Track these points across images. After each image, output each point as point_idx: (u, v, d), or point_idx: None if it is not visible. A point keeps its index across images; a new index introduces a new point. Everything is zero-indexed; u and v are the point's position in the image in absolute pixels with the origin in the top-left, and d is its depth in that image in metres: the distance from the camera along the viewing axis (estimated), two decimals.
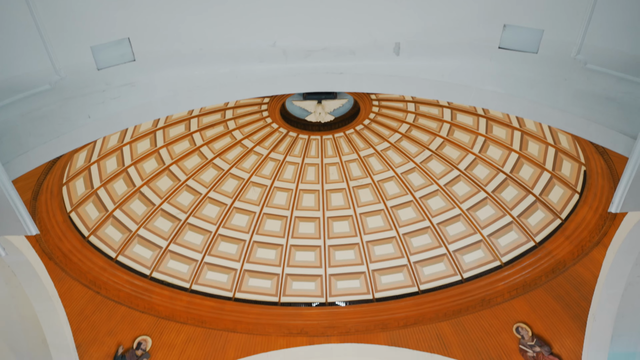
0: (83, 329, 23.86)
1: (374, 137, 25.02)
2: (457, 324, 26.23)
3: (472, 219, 25.72)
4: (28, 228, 15.81)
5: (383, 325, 26.86)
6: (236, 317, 26.72)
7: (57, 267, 22.33)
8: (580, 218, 22.49)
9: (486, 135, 23.90)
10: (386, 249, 27.09)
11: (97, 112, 14.50)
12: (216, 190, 26.00)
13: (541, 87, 14.52)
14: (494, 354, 25.77)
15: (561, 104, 14.47)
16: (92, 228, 23.93)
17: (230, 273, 26.91)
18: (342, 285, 27.63)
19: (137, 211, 25.02)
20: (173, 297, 25.97)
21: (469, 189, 25.43)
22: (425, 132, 24.66)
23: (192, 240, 26.28)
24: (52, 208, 21.46)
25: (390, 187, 26.23)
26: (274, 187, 26.41)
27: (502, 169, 24.43)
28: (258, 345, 26.80)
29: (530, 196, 24.26)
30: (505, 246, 25.43)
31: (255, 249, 26.97)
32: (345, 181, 26.38)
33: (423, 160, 25.43)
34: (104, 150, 22.64)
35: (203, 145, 24.86)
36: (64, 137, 14.63)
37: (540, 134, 22.32)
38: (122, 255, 25.00)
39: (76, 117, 14.47)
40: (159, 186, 25.08)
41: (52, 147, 14.71)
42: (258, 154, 25.56)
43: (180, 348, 26.05)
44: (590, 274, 22.59)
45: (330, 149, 25.49)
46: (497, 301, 25.49)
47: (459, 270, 26.42)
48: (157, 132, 23.66)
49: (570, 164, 22.20)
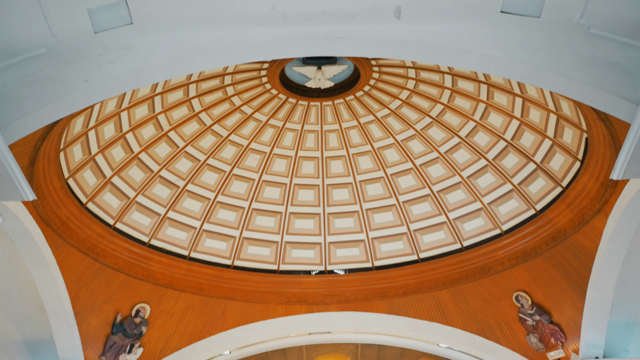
0: (81, 296, 23.86)
1: (374, 103, 24.84)
2: (457, 293, 26.26)
3: (472, 187, 25.62)
4: (25, 193, 15.78)
5: (382, 293, 26.88)
6: (235, 284, 26.72)
7: (55, 234, 22.28)
8: (582, 186, 22.40)
9: (487, 102, 23.73)
10: (386, 217, 27.03)
11: (94, 76, 14.36)
12: (215, 157, 25.86)
13: (543, 52, 14.36)
14: (493, 322, 25.82)
15: (563, 70, 14.33)
16: (90, 195, 23.83)
17: (229, 241, 26.85)
18: (341, 253, 27.60)
19: (136, 178, 24.91)
20: (171, 265, 25.94)
21: (470, 156, 25.31)
22: (426, 99, 24.47)
23: (190, 207, 26.20)
24: (50, 174, 21.33)
25: (390, 155, 26.11)
26: (273, 154, 26.27)
27: (503, 136, 24.30)
28: (257, 313, 26.86)
29: (531, 164, 24.16)
30: (506, 214, 25.38)
31: (255, 217, 26.89)
32: (344, 148, 26.24)
33: (423, 127, 25.28)
34: (102, 116, 22.45)
35: (202, 111, 24.68)
36: (60, 101, 14.56)
37: (542, 100, 22.15)
38: (120, 222, 24.93)
39: (73, 81, 14.35)
40: (157, 153, 24.96)
41: (48, 111, 14.65)
42: (257, 120, 25.38)
43: (178, 315, 26.07)
44: (590, 242, 22.57)
45: (330, 115, 25.32)
46: (497, 269, 25.50)
47: (458, 238, 26.37)
48: (155, 97, 23.46)
49: (572, 131, 22.06)
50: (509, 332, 25.72)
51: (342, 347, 28.79)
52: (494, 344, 25.95)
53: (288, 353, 28.66)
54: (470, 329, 26.26)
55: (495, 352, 25.93)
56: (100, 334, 24.73)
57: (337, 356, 29.39)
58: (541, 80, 14.71)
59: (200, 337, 26.44)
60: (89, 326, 24.32)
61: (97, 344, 24.61)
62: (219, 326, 26.56)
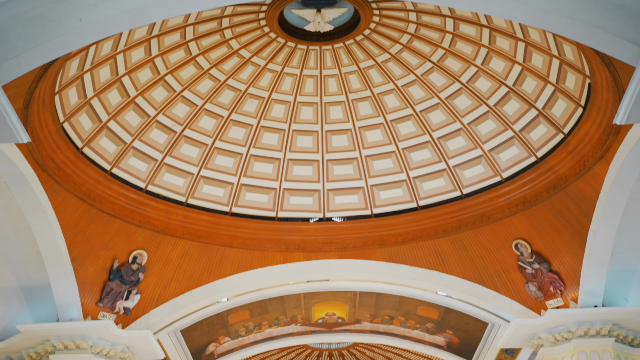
0: (78, 242, 23.88)
1: (374, 48, 24.52)
2: (456, 241, 26.27)
3: (473, 134, 25.44)
4: (19, 135, 15.70)
5: (381, 241, 26.87)
6: (233, 231, 26.69)
7: (51, 179, 22.23)
8: (583, 132, 22.29)
9: (489, 46, 23.44)
10: (385, 164, 26.86)
11: (89, 15, 14.09)
12: (212, 102, 25.57)
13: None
14: (492, 271, 25.88)
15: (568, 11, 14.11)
16: (85, 139, 23.69)
17: (226, 187, 26.74)
18: (340, 200, 27.52)
19: (132, 122, 24.70)
20: (169, 211, 25.88)
21: (471, 102, 25.09)
22: (427, 44, 24.16)
23: (188, 153, 26.01)
24: (45, 118, 21.14)
25: (390, 100, 25.83)
26: (271, 100, 25.98)
27: (505, 82, 24.06)
28: (255, 261, 26.87)
29: (532, 110, 23.98)
30: (506, 161, 25.26)
31: (253, 163, 26.74)
32: (344, 94, 25.93)
33: (424, 72, 24.98)
34: (97, 59, 22.17)
35: (199, 54, 24.36)
36: (54, 40, 14.34)
37: (545, 45, 21.90)
38: (116, 167, 24.82)
39: (67, 20, 14.07)
40: (154, 97, 24.67)
41: (42, 51, 14.46)
42: (255, 64, 25.06)
43: (176, 262, 26.10)
44: (591, 190, 22.57)
45: (330, 60, 25.02)
46: (497, 217, 25.52)
47: (458, 185, 26.28)
48: (151, 40, 23.14)
49: (575, 76, 21.87)
50: (508, 280, 25.77)
51: (340, 295, 28.89)
52: (492, 292, 26.01)
53: (286, 301, 28.78)
54: (469, 277, 26.30)
55: (493, 301, 26.03)
56: (97, 280, 24.78)
57: (335, 304, 29.51)
58: (545, 21, 14.51)
59: (197, 284, 26.47)
60: (85, 272, 24.36)
61: (94, 290, 24.67)
62: (216, 273, 26.57)
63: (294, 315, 29.81)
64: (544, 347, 24.71)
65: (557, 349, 24.33)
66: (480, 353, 29.64)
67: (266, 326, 30.11)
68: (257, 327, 29.98)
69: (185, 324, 27.54)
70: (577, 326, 23.77)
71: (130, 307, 25.26)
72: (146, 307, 25.67)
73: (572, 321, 23.85)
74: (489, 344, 28.69)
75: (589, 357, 23.54)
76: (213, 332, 29.15)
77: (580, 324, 23.76)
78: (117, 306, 24.98)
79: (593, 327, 23.69)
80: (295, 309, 29.46)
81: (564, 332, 24.05)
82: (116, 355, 24.43)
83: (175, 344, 28.13)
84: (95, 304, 24.63)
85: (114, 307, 24.93)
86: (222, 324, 28.86)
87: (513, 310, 25.56)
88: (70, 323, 23.73)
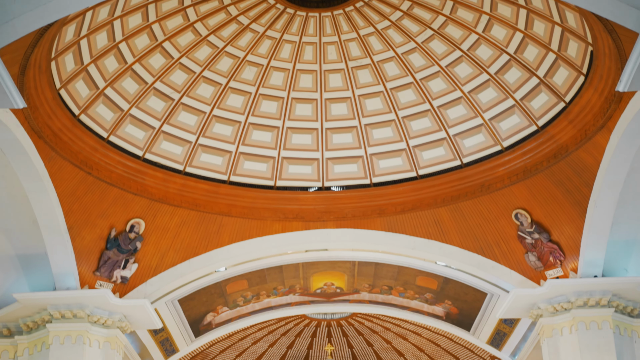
0: (75, 210, 23.85)
1: (375, 14, 24.32)
2: (456, 210, 26.25)
3: (473, 102, 25.31)
4: (14, 100, 15.64)
5: (380, 210, 26.85)
6: (231, 200, 26.63)
7: (47, 146, 22.16)
8: (585, 101, 22.20)
9: (490, 13, 23.26)
10: (385, 133, 26.74)
11: None
12: (211, 69, 25.39)
13: None
14: (492, 241, 25.89)
15: None
16: (82, 106, 23.56)
17: (225, 155, 26.61)
18: (339, 169, 27.45)
19: (129, 89, 24.53)
20: (166, 180, 25.79)
21: (471, 70, 24.93)
22: (428, 10, 23.97)
23: (185, 121, 25.85)
24: (41, 84, 21.02)
25: (390, 68, 25.66)
26: (270, 67, 25.79)
27: (506, 50, 23.90)
28: (253, 230, 26.87)
29: (534, 78, 23.84)
30: (507, 130, 25.16)
31: (251, 131, 26.61)
32: (344, 61, 25.74)
33: (424, 40, 24.79)
34: (94, 24, 21.97)
35: (197, 21, 24.14)
36: (50, 4, 14.20)
37: (547, 12, 21.73)
38: (113, 135, 24.70)
39: None
40: (152, 64, 24.48)
41: (38, 14, 14.35)
42: (254, 31, 24.86)
43: (174, 231, 26.09)
44: (592, 160, 22.55)
45: (329, 27, 24.84)
46: (497, 187, 25.48)
47: (458, 155, 26.17)
48: (149, 5, 22.91)
49: (577, 44, 21.72)
50: (508, 250, 25.80)
51: (339, 265, 28.94)
52: (492, 262, 26.05)
53: (284, 270, 28.83)
54: (468, 247, 26.31)
55: (493, 270, 26.08)
56: (94, 249, 24.78)
57: (334, 274, 29.55)
58: None
59: (195, 254, 26.48)
60: (82, 241, 24.33)
61: (91, 259, 24.68)
62: (214, 242, 26.57)
63: (293, 285, 29.85)
64: (543, 318, 24.71)
65: (556, 319, 24.32)
66: (479, 323, 29.66)
67: (264, 296, 30.15)
68: (255, 297, 30.01)
69: (183, 294, 27.56)
70: (577, 296, 23.77)
71: (128, 276, 25.24)
72: (144, 276, 25.66)
73: (572, 291, 23.84)
74: (487, 314, 28.72)
75: (589, 328, 23.55)
76: (211, 302, 29.16)
77: (580, 294, 23.76)
78: (115, 275, 24.95)
79: (592, 297, 23.71)
80: (294, 279, 29.51)
81: (563, 302, 24.05)
82: (113, 324, 24.42)
83: (173, 313, 28.14)
84: (92, 273, 24.60)
85: (112, 276, 24.91)
86: (220, 293, 28.88)
87: (512, 280, 25.58)
88: (67, 292, 23.73)
